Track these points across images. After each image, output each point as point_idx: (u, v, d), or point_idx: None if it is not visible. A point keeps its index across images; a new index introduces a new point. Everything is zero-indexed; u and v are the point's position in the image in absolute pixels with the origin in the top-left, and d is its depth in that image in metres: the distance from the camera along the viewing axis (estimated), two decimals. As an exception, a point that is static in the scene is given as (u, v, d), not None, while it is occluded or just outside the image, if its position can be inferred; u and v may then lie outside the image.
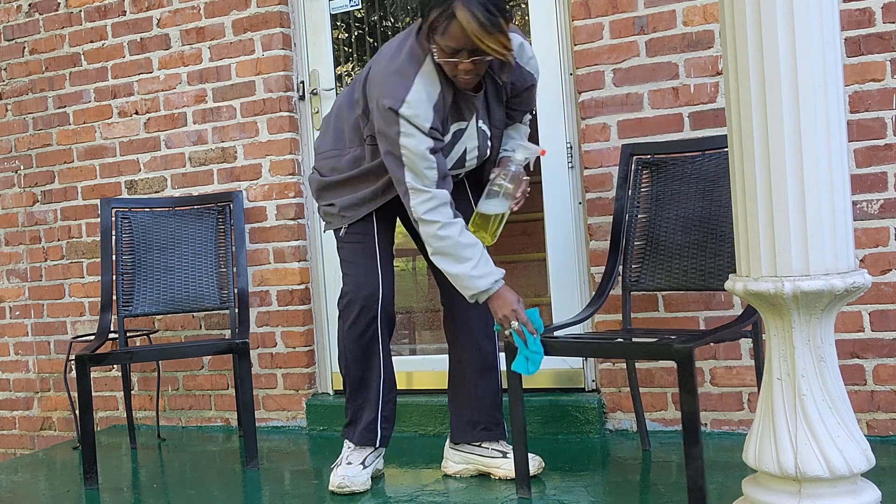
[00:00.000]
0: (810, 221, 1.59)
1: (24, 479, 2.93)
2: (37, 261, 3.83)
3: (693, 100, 2.77)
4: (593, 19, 2.87)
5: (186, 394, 3.58)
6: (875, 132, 2.57)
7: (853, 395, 2.59)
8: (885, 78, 2.56)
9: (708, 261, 2.48)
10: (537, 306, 2.34)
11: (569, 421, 2.90)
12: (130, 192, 3.62)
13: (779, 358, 1.68)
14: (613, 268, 2.61)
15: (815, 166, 1.59)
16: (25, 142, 3.84)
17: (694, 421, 1.94)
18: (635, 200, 2.66)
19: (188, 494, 2.58)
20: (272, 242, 3.38)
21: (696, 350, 2.01)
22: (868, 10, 2.57)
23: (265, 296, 3.40)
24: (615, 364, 2.88)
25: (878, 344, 2.58)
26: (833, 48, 1.61)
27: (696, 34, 2.76)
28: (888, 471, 2.28)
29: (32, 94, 3.82)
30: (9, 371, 3.92)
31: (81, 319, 3.75)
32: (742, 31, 1.64)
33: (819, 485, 1.63)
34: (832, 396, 1.65)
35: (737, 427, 2.74)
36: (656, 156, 2.66)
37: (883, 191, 2.57)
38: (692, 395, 1.95)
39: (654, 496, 2.25)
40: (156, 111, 3.57)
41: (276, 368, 3.40)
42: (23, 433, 3.91)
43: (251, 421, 2.80)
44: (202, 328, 3.54)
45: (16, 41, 3.85)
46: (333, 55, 3.46)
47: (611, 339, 2.44)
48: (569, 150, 3.01)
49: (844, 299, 1.63)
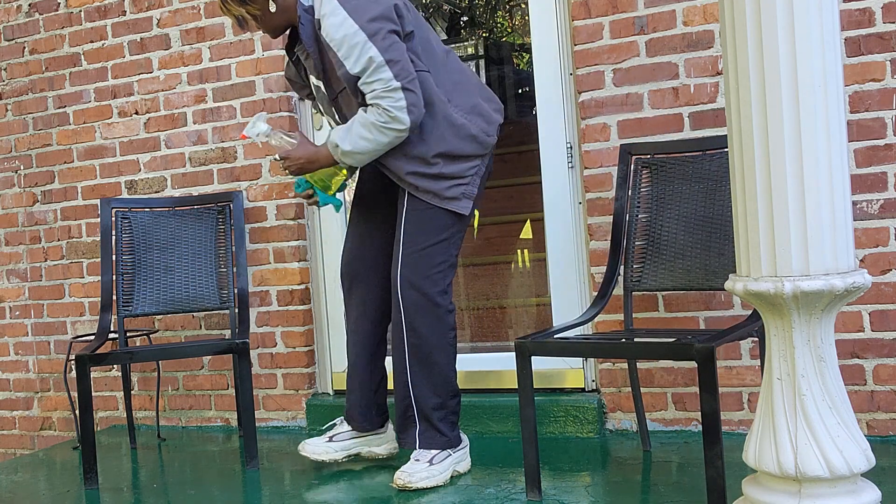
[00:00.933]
0: (810, 221, 1.59)
1: (24, 479, 2.93)
2: (37, 261, 3.83)
3: (693, 100, 2.77)
4: (593, 19, 2.87)
5: (186, 394, 3.58)
6: (875, 132, 2.57)
7: (853, 395, 2.59)
8: (885, 78, 2.56)
9: (709, 261, 2.48)
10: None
11: (569, 421, 2.90)
12: (130, 192, 3.62)
13: (779, 358, 1.68)
14: (615, 268, 2.61)
15: (815, 166, 1.59)
16: (25, 142, 3.84)
17: (714, 421, 1.93)
18: (635, 200, 2.66)
19: (188, 494, 2.58)
20: (272, 242, 3.39)
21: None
22: (868, 10, 2.57)
23: (265, 296, 3.40)
24: (615, 364, 2.88)
25: (878, 344, 2.58)
26: (833, 48, 1.61)
27: (696, 34, 2.76)
28: (888, 471, 2.28)
29: (32, 94, 3.82)
30: (9, 371, 3.92)
31: (81, 319, 3.75)
32: (742, 31, 1.64)
33: (819, 485, 1.63)
34: (832, 396, 1.65)
35: (737, 427, 2.74)
36: (656, 156, 2.66)
37: (883, 191, 2.57)
38: (713, 394, 1.93)
39: (654, 496, 2.25)
40: (156, 111, 3.57)
41: (276, 368, 3.40)
42: (23, 433, 3.91)
43: (251, 421, 2.80)
44: (202, 328, 3.54)
45: (16, 41, 3.85)
46: (333, 55, 3.45)
47: (620, 339, 2.44)
48: (569, 150, 3.01)
49: (844, 299, 1.63)
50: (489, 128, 2.43)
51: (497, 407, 3.01)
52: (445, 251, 2.44)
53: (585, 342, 2.31)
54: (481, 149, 2.43)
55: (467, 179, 2.42)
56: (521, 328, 4.26)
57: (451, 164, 2.41)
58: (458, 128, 2.40)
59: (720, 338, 2.06)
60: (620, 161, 2.69)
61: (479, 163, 2.43)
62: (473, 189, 2.43)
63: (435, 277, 2.43)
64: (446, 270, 2.46)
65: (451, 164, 2.41)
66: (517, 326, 4.32)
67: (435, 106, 2.39)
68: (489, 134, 2.43)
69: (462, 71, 2.49)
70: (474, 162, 2.43)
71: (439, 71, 2.42)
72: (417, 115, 2.31)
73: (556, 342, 2.27)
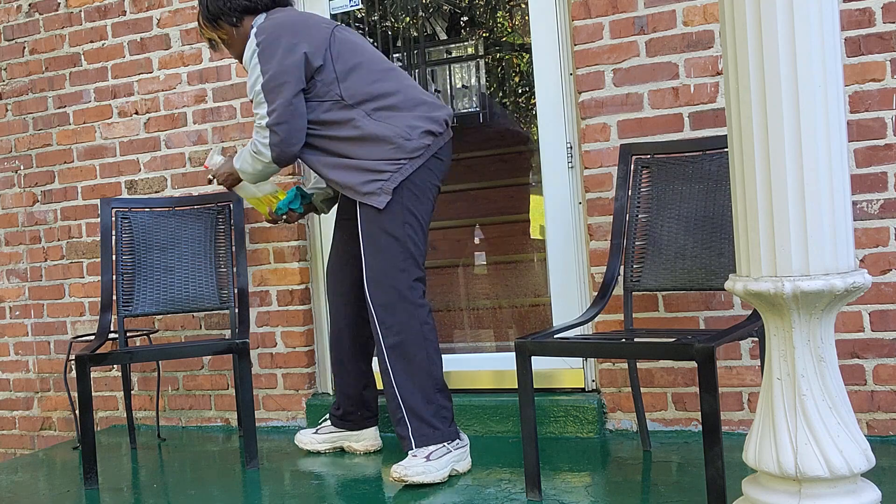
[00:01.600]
0: (810, 221, 1.59)
1: (24, 479, 2.93)
2: (37, 261, 3.83)
3: (693, 100, 2.77)
4: (593, 19, 2.87)
5: (186, 394, 3.58)
6: (875, 132, 2.57)
7: (853, 395, 2.59)
8: (885, 78, 2.56)
9: (709, 261, 2.48)
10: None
11: (569, 421, 2.90)
12: (130, 192, 3.62)
13: (779, 358, 1.68)
14: (615, 268, 2.61)
15: (815, 166, 1.59)
16: (25, 142, 3.84)
17: (714, 421, 1.93)
18: (635, 200, 2.66)
19: (188, 494, 2.58)
20: (272, 242, 3.39)
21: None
22: (868, 10, 2.57)
23: (265, 296, 3.40)
24: (615, 364, 2.89)
25: (878, 344, 2.58)
26: (833, 48, 1.61)
27: (696, 34, 2.76)
28: (888, 471, 2.28)
29: (32, 94, 3.82)
30: (9, 371, 3.92)
31: (81, 319, 3.75)
32: (742, 31, 1.64)
33: (819, 485, 1.63)
34: (832, 396, 1.65)
35: (737, 427, 2.74)
36: (656, 156, 2.66)
37: (883, 191, 2.57)
38: (713, 394, 1.93)
39: (654, 496, 2.25)
40: (156, 111, 3.57)
41: (276, 368, 3.40)
42: (23, 433, 3.91)
43: (251, 421, 2.80)
44: (202, 328, 3.54)
45: (16, 41, 3.85)
46: (333, 55, 3.45)
47: (620, 339, 2.43)
48: (569, 150, 3.01)
49: (844, 299, 1.63)
50: (411, 132, 2.56)
51: (497, 407, 3.01)
52: (404, 249, 2.56)
53: (585, 342, 2.31)
54: (401, 153, 2.56)
55: (386, 175, 2.54)
56: (521, 328, 4.26)
57: (367, 163, 2.57)
58: (373, 137, 2.57)
59: (720, 338, 2.06)
60: (620, 161, 2.69)
61: (403, 163, 2.56)
62: (392, 185, 2.54)
63: (398, 275, 2.55)
64: (409, 268, 2.57)
65: (367, 163, 2.57)
66: (517, 326, 4.32)
67: (346, 123, 2.60)
68: (408, 138, 2.56)
69: (398, 82, 2.65)
70: (395, 162, 2.56)
71: (360, 87, 2.60)
72: (280, 154, 2.61)
73: (556, 342, 2.27)
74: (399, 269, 2.55)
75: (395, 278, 2.55)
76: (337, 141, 2.60)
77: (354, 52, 2.64)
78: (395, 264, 2.55)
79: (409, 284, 2.56)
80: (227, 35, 2.78)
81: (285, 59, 2.55)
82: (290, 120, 2.57)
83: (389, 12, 3.84)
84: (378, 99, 2.59)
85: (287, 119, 2.57)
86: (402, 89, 2.62)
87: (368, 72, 2.62)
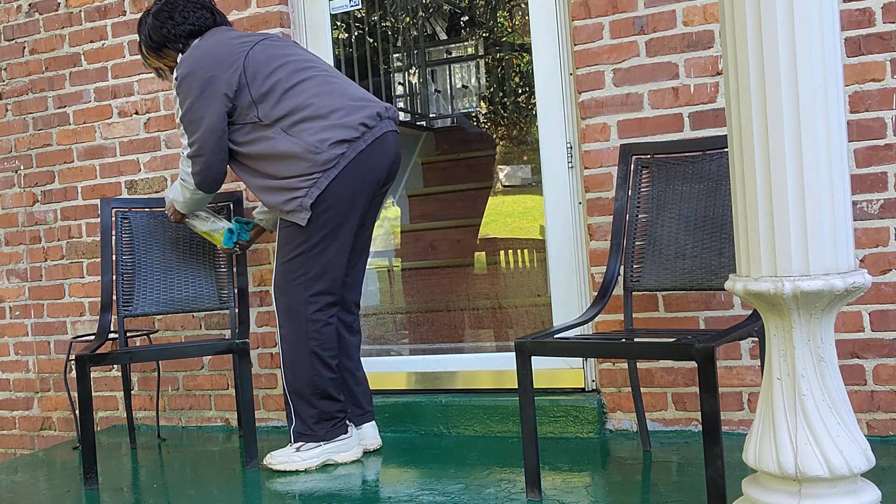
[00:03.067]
0: (810, 221, 1.59)
1: (24, 479, 2.93)
2: (37, 261, 3.83)
3: (693, 100, 2.77)
4: (593, 19, 2.87)
5: (186, 394, 3.58)
6: (875, 132, 2.57)
7: (853, 395, 2.59)
8: (885, 78, 2.56)
9: (709, 261, 2.48)
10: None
11: (569, 421, 2.90)
12: (130, 192, 3.62)
13: (779, 358, 1.68)
14: (615, 268, 2.61)
15: (815, 166, 1.59)
16: (25, 142, 3.84)
17: (714, 421, 1.93)
18: (635, 200, 2.66)
19: (188, 494, 2.59)
20: (272, 242, 3.38)
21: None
22: (868, 10, 2.57)
23: (265, 296, 3.40)
24: (615, 364, 2.89)
25: (878, 344, 2.58)
26: (833, 48, 1.61)
27: (696, 34, 2.76)
28: (888, 471, 2.28)
29: (32, 94, 3.82)
30: (9, 371, 3.92)
31: (81, 319, 3.75)
32: (742, 31, 1.64)
33: (819, 485, 1.63)
34: (832, 396, 1.65)
35: (737, 427, 2.74)
36: (656, 156, 2.66)
37: (883, 191, 2.57)
38: (713, 394, 1.93)
39: (654, 496, 2.25)
40: (156, 111, 3.57)
41: (276, 368, 3.40)
42: (23, 433, 3.91)
43: (251, 421, 2.80)
44: (202, 328, 3.54)
45: (16, 41, 3.85)
46: (333, 55, 3.46)
47: (620, 339, 2.43)
48: (569, 150, 3.01)
49: (844, 299, 1.63)
50: (321, 145, 2.60)
51: (497, 407, 3.01)
52: (304, 264, 2.66)
53: (585, 342, 2.31)
54: (315, 167, 2.60)
55: (302, 192, 2.61)
56: (521, 328, 4.27)
57: (285, 181, 2.63)
58: (287, 154, 2.62)
59: (720, 338, 2.06)
60: (620, 161, 2.69)
61: (317, 176, 2.60)
62: (309, 201, 2.60)
63: (296, 288, 2.67)
64: (307, 282, 2.67)
65: (285, 181, 2.63)
66: (517, 326, 4.32)
67: (264, 143, 2.66)
68: (318, 151, 2.59)
69: (312, 92, 2.66)
70: (309, 178, 2.60)
71: (274, 106, 2.65)
72: (202, 181, 2.74)
73: (556, 342, 2.27)
74: (298, 284, 2.67)
75: (294, 290, 2.67)
76: (262, 160, 2.68)
77: (271, 69, 2.67)
78: (296, 279, 2.67)
79: (305, 299, 2.67)
80: (173, 62, 2.84)
81: (202, 93, 2.65)
82: (209, 151, 2.69)
83: (389, 12, 3.84)
84: (291, 114, 2.63)
85: (205, 151, 2.69)
86: (314, 100, 2.64)
87: (283, 89, 2.66)
